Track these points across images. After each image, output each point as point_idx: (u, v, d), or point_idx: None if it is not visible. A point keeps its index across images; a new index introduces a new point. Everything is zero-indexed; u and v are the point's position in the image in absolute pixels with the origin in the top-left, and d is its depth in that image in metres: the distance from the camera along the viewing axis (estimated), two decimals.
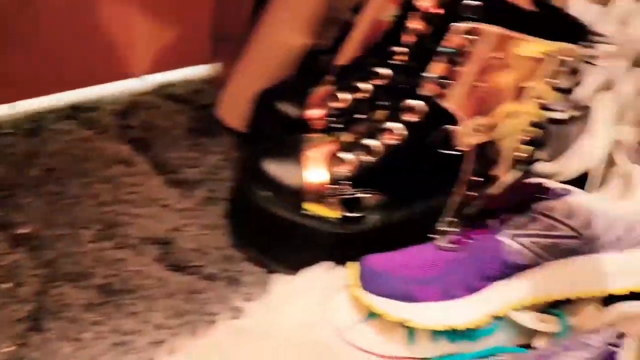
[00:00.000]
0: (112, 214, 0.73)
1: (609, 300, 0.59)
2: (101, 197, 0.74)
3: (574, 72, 0.69)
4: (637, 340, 0.49)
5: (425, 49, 0.58)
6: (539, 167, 0.69)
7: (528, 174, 0.67)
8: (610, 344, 0.49)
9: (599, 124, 0.69)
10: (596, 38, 0.66)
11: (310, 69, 0.79)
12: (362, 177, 0.62)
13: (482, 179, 0.64)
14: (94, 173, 0.77)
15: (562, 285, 0.58)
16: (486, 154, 0.62)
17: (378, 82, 0.67)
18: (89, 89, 0.86)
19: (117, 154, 0.80)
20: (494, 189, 0.64)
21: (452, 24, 0.56)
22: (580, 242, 0.57)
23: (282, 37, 0.78)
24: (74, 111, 0.84)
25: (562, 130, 0.68)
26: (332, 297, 0.61)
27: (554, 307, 0.61)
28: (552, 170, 0.69)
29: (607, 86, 0.69)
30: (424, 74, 0.58)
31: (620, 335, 0.49)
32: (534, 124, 0.63)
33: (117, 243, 0.70)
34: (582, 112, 0.69)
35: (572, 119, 0.69)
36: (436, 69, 0.58)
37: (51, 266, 0.67)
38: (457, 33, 0.56)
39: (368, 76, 0.68)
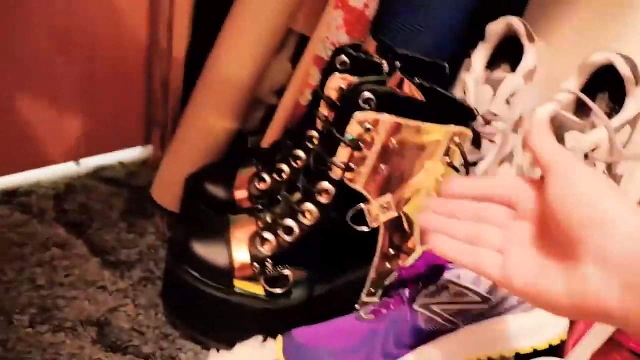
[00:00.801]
0: (49, 297, 0.74)
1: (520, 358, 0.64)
2: (37, 281, 0.75)
3: (477, 147, 0.76)
4: None
5: (332, 136, 0.63)
6: None
7: None
8: None
9: None
10: (489, 117, 0.73)
11: (239, 151, 0.84)
12: (283, 256, 0.66)
13: (397, 252, 0.68)
14: (30, 257, 0.78)
15: (474, 348, 0.62)
16: (399, 227, 0.67)
17: (296, 164, 0.72)
18: (24, 173, 0.88)
19: (53, 237, 0.81)
20: (408, 261, 0.69)
21: (354, 114, 0.61)
22: (487, 307, 0.61)
23: (209, 121, 0.81)
24: (9, 196, 0.85)
25: None
26: None
27: None
28: None
29: (507, 159, 0.75)
30: (332, 159, 0.63)
31: None
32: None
33: (53, 327, 0.71)
34: None
35: None
36: (342, 154, 0.63)
37: None
38: (358, 122, 0.61)
39: (287, 159, 0.73)
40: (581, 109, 0.73)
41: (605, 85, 0.72)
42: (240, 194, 0.76)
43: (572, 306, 0.40)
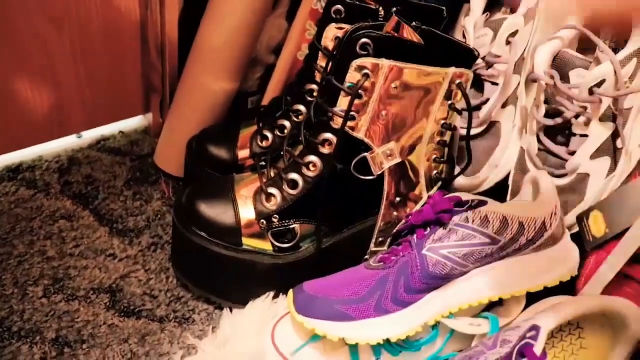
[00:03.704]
0: (60, 268, 0.75)
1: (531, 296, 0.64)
2: (47, 253, 0.76)
3: (480, 90, 0.75)
4: (548, 332, 0.53)
5: (331, 85, 0.62)
6: (459, 181, 0.74)
7: (448, 189, 0.72)
8: (526, 338, 0.53)
9: (508, 136, 0.75)
10: (490, 59, 0.72)
11: (239, 111, 0.83)
12: (289, 210, 0.66)
13: (403, 199, 0.68)
14: (39, 230, 0.79)
15: (484, 290, 0.62)
16: (403, 175, 0.67)
17: (296, 119, 0.72)
18: (26, 149, 0.88)
19: (60, 209, 0.82)
20: (414, 207, 0.68)
21: (352, 61, 0.60)
22: (496, 247, 0.61)
23: (207, 83, 0.80)
24: (14, 172, 0.86)
25: (475, 144, 0.73)
26: (276, 325, 0.65)
27: (488, 310, 0.66)
28: (471, 184, 0.74)
29: (510, 100, 0.74)
30: (332, 109, 0.62)
31: (535, 329, 0.54)
32: (442, 142, 0.68)
33: (66, 296, 0.72)
34: (491, 127, 0.75)
35: (482, 134, 0.74)
36: (342, 103, 0.62)
37: (1, 326, 0.68)
38: (356, 68, 0.60)
39: (288, 114, 0.72)
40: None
41: None
42: (243, 153, 0.76)
43: None
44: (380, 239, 0.69)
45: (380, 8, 0.67)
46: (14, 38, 0.79)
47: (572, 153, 0.69)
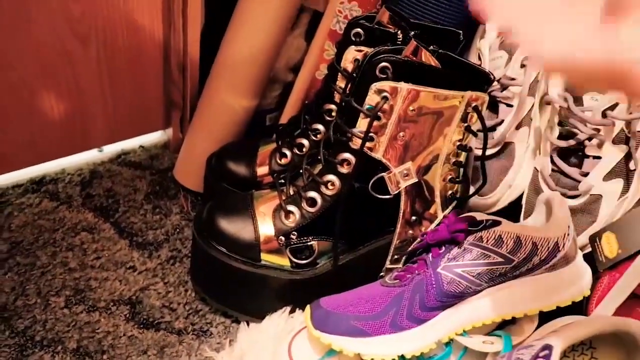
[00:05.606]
0: (81, 279, 0.76)
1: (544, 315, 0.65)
2: (69, 265, 0.78)
3: (495, 112, 0.76)
4: (561, 352, 0.54)
5: (351, 107, 0.64)
6: (474, 201, 0.75)
7: (462, 209, 0.73)
8: (539, 357, 0.54)
9: (522, 157, 0.76)
10: (505, 82, 0.74)
11: (258, 128, 0.85)
12: (307, 227, 0.67)
13: (419, 218, 0.69)
14: (61, 242, 0.80)
15: (498, 309, 0.63)
16: (419, 194, 0.68)
17: (315, 138, 0.73)
18: (50, 162, 0.90)
19: (82, 222, 0.83)
20: (430, 226, 0.70)
21: (372, 84, 0.62)
22: (509, 267, 0.63)
23: (227, 101, 0.82)
24: (37, 184, 0.88)
25: (490, 165, 0.74)
26: (293, 340, 0.66)
27: (501, 328, 0.67)
28: (486, 203, 0.75)
29: (525, 122, 0.76)
30: (352, 130, 0.64)
31: (548, 348, 0.55)
32: (457, 163, 0.69)
33: (88, 307, 0.73)
34: (506, 148, 0.76)
35: (496, 155, 0.75)
36: (362, 124, 0.64)
37: (24, 335, 0.70)
38: (376, 91, 0.62)
39: (307, 133, 0.74)
40: None
41: None
42: (262, 170, 0.77)
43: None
44: (396, 256, 0.70)
45: (399, 32, 0.69)
46: (41, 53, 0.82)
47: (585, 174, 0.71)
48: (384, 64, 0.60)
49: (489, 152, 0.72)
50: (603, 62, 0.39)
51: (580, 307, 0.65)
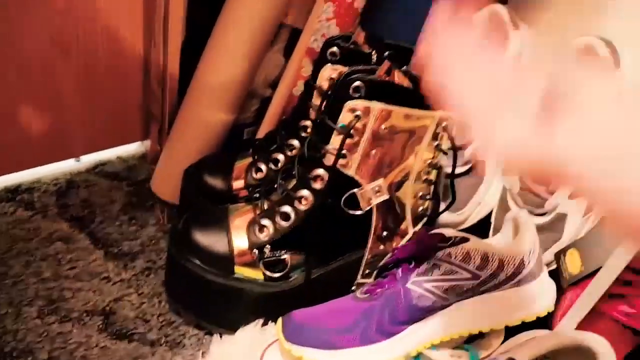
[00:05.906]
0: (55, 289, 0.76)
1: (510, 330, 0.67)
2: (43, 274, 0.78)
3: (466, 130, 0.78)
4: None
5: (325, 125, 0.65)
6: (444, 217, 0.77)
7: (433, 225, 0.75)
8: None
9: (492, 175, 0.78)
10: None
11: (235, 142, 0.86)
12: (280, 241, 0.68)
13: (390, 234, 0.71)
14: (35, 252, 0.80)
15: (465, 323, 0.65)
16: (391, 210, 0.70)
17: (290, 153, 0.75)
18: (26, 171, 0.90)
19: (57, 231, 0.84)
20: (401, 242, 0.71)
21: (345, 102, 0.63)
22: (477, 283, 0.64)
23: (205, 115, 0.83)
24: (12, 193, 0.88)
25: (460, 183, 0.76)
26: (265, 352, 0.67)
27: (469, 342, 0.68)
28: (456, 220, 0.77)
29: None
30: (325, 147, 0.65)
31: None
32: (428, 181, 0.71)
33: (60, 317, 0.73)
34: (476, 166, 0.78)
35: (466, 173, 0.77)
36: (335, 141, 0.65)
37: None
38: (349, 110, 0.64)
39: (282, 148, 0.75)
40: None
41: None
42: (238, 184, 0.78)
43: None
44: (367, 271, 0.72)
45: (374, 52, 0.71)
46: (21, 62, 0.82)
47: (552, 193, 0.73)
48: (357, 83, 0.62)
49: (458, 170, 0.74)
50: (538, 161, 0.41)
51: (545, 322, 0.67)
